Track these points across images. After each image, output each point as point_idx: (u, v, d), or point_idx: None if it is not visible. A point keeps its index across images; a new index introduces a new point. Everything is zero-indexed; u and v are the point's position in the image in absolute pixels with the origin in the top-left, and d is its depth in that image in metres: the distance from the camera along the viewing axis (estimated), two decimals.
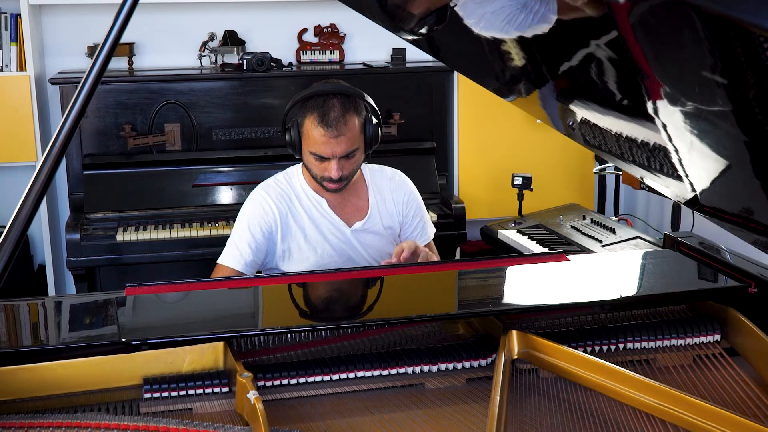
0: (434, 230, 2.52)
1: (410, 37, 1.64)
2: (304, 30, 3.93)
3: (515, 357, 1.55)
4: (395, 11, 1.62)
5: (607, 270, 1.96)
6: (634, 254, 2.27)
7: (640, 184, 3.36)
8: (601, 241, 2.91)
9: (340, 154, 2.24)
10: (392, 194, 2.43)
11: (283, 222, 2.31)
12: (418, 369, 1.53)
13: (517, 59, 1.55)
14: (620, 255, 2.54)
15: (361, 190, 2.41)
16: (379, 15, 1.69)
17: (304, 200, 2.35)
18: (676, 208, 3.34)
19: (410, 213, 2.45)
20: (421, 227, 2.47)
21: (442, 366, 1.54)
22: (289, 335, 1.57)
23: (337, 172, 2.25)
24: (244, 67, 3.61)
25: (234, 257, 2.29)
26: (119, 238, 3.26)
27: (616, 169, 3.63)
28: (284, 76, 3.68)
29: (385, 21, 1.68)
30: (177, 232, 3.31)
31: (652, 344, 1.61)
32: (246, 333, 1.54)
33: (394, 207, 2.43)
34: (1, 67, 3.52)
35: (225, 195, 3.50)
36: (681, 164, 1.40)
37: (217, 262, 2.32)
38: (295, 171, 2.40)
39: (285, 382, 1.48)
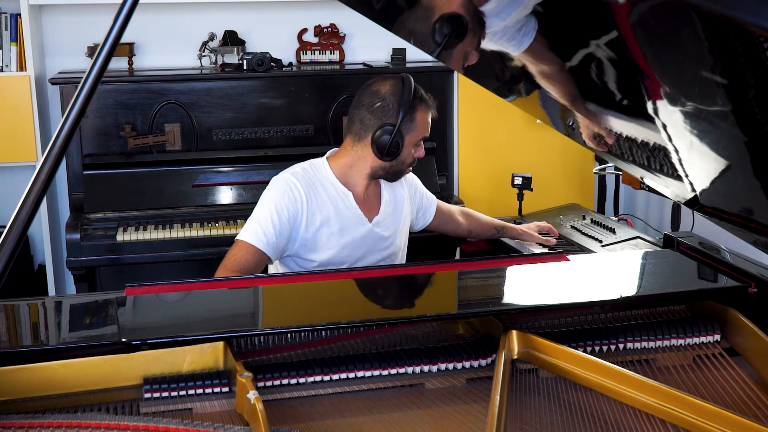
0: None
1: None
2: (304, 30, 3.93)
3: (515, 357, 1.55)
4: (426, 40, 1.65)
5: (607, 270, 1.96)
6: (634, 254, 2.27)
7: (640, 184, 3.36)
8: (601, 241, 2.91)
9: None
10: (399, 182, 2.50)
11: (309, 210, 2.30)
12: (418, 369, 1.53)
13: (517, 60, 1.56)
14: (620, 255, 2.54)
15: (377, 182, 2.45)
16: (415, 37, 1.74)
17: (331, 191, 2.35)
18: (676, 208, 3.34)
19: (416, 193, 2.61)
20: (428, 199, 2.66)
21: (442, 366, 1.54)
22: (289, 335, 1.57)
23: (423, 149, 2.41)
24: (244, 67, 3.61)
25: (257, 236, 2.26)
26: (119, 238, 3.26)
27: (616, 169, 3.63)
28: (284, 76, 3.68)
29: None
30: (177, 232, 3.31)
31: (651, 344, 1.61)
32: (246, 333, 1.54)
33: (402, 194, 2.51)
34: (1, 67, 3.52)
35: (225, 195, 3.50)
36: (681, 164, 1.40)
37: (237, 238, 2.29)
38: (321, 163, 2.40)
39: (285, 382, 1.48)
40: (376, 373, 1.52)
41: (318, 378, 1.49)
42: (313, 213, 2.31)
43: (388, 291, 1.87)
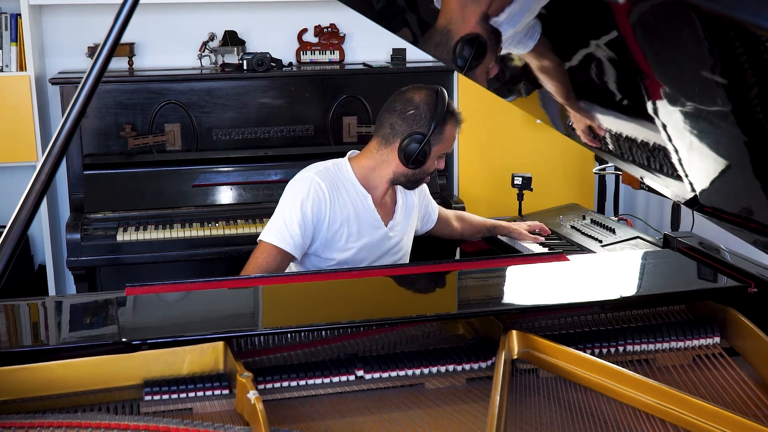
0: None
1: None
2: (304, 30, 3.93)
3: (515, 357, 1.55)
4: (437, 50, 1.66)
5: (607, 270, 1.96)
6: (634, 254, 2.27)
7: (640, 184, 3.36)
8: (601, 241, 2.91)
9: None
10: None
11: (332, 209, 2.31)
12: (418, 371, 1.53)
13: (517, 60, 1.56)
14: (620, 255, 2.54)
15: (394, 188, 2.48)
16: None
17: (351, 192, 2.36)
18: (676, 208, 3.34)
19: (424, 200, 2.64)
20: (432, 207, 2.71)
21: (442, 368, 1.54)
22: (289, 335, 1.57)
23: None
24: (244, 67, 3.61)
25: (283, 237, 2.26)
26: (119, 238, 3.26)
27: (616, 169, 3.63)
28: (284, 76, 3.68)
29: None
30: (177, 232, 3.31)
31: (651, 346, 1.61)
32: (246, 333, 1.54)
33: (413, 200, 2.54)
34: (1, 67, 3.52)
35: (225, 195, 3.50)
36: (681, 164, 1.40)
37: (261, 239, 2.29)
38: (343, 163, 2.40)
39: (285, 384, 1.48)
40: (377, 375, 1.52)
41: (318, 380, 1.49)
42: (335, 212, 2.32)
43: (388, 291, 1.87)
